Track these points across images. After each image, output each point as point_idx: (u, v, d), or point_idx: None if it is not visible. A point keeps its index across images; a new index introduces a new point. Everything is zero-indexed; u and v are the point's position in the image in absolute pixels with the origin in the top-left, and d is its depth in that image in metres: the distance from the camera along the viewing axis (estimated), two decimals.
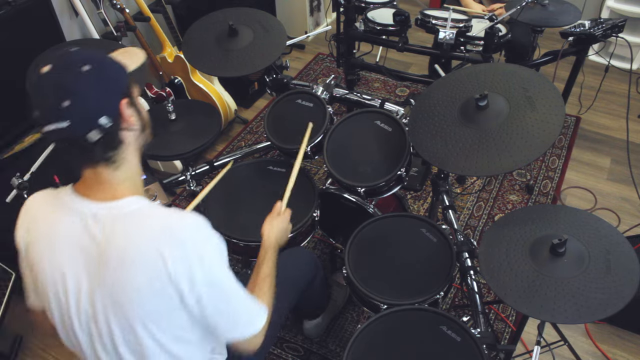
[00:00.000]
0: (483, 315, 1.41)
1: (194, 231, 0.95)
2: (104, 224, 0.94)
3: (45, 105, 0.86)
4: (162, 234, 0.92)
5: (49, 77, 0.87)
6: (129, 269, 0.91)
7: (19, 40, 1.84)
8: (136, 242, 0.92)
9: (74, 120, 0.86)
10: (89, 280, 0.96)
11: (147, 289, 0.92)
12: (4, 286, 1.80)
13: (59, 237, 0.97)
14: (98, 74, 0.89)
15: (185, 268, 0.92)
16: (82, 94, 0.86)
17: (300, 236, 1.64)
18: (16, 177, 1.55)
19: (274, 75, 2.08)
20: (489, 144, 1.31)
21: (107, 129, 0.89)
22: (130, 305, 0.93)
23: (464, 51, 2.04)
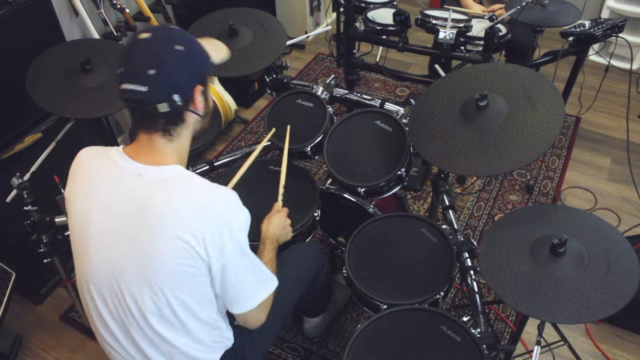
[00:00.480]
0: (483, 315, 1.41)
1: (227, 203, 1.02)
2: (146, 183, 1.00)
3: (132, 66, 0.95)
4: (198, 202, 0.99)
5: (146, 43, 0.97)
6: (163, 229, 0.96)
7: (19, 40, 1.83)
8: (174, 205, 0.97)
9: (152, 88, 0.94)
10: (121, 233, 1.00)
11: (176, 252, 0.97)
12: (4, 286, 1.79)
13: (102, 188, 1.03)
14: (187, 56, 0.98)
15: (217, 236, 0.98)
16: (168, 69, 0.95)
17: (301, 236, 1.64)
18: (16, 177, 1.55)
19: (274, 75, 2.08)
20: (489, 144, 1.31)
21: (176, 105, 0.98)
22: (154, 268, 0.98)
23: (464, 51, 2.04)
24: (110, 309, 1.07)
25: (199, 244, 0.97)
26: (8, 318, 1.83)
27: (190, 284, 1.02)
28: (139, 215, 0.98)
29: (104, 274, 1.04)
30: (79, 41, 2.07)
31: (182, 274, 0.99)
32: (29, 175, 1.59)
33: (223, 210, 1.00)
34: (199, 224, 0.97)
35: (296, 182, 1.76)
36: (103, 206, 1.02)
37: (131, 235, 0.99)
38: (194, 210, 0.97)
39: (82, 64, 1.58)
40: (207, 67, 1.05)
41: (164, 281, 0.99)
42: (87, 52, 1.62)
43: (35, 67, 1.59)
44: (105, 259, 1.03)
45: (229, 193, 1.03)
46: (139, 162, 1.02)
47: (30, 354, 1.95)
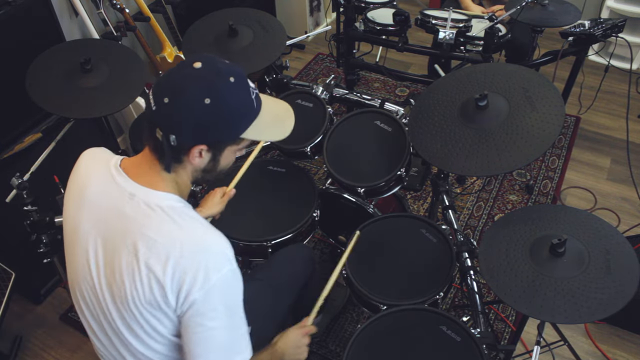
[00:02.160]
0: (483, 315, 1.41)
1: (212, 251, 0.94)
2: (137, 206, 0.96)
3: (162, 82, 0.92)
4: (183, 240, 0.93)
5: (188, 73, 0.91)
6: (141, 257, 0.93)
7: (19, 40, 1.83)
8: (157, 237, 0.93)
9: (158, 113, 0.91)
10: (104, 249, 0.98)
11: (148, 283, 0.93)
12: (4, 286, 1.79)
13: (95, 201, 1.00)
14: (206, 113, 0.90)
15: (188, 280, 0.91)
16: (178, 110, 0.90)
17: (300, 236, 1.64)
18: (16, 177, 1.55)
19: (274, 75, 2.08)
20: (489, 144, 1.31)
21: (169, 144, 0.92)
22: (128, 289, 0.95)
23: (463, 51, 2.04)
24: (94, 316, 1.06)
25: (171, 283, 0.91)
26: (8, 318, 1.84)
27: (158, 315, 0.97)
28: (123, 237, 0.95)
29: (86, 285, 1.03)
30: (79, 41, 2.07)
31: (150, 305, 0.95)
32: (29, 175, 1.59)
33: (204, 257, 0.92)
34: (173, 261, 0.91)
35: (296, 182, 1.76)
36: (92, 219, 1.00)
37: (112, 253, 0.97)
38: (175, 248, 0.91)
39: (82, 64, 1.58)
40: (226, 136, 0.96)
41: (135, 305, 0.96)
42: (87, 52, 1.63)
43: (35, 67, 1.59)
44: (87, 270, 1.01)
45: (222, 241, 0.95)
46: (135, 181, 0.98)
47: (30, 354, 1.95)
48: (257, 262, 1.68)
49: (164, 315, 0.97)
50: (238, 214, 1.66)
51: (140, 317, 0.97)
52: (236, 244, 1.59)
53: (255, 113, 0.98)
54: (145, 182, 0.98)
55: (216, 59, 0.95)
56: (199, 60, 0.92)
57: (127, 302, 0.96)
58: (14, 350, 1.92)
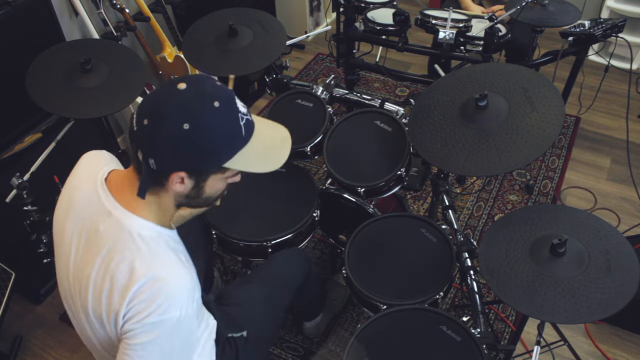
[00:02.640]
0: (483, 315, 1.41)
1: (170, 290, 0.90)
2: (112, 226, 0.95)
3: (145, 102, 0.89)
4: (142, 273, 0.90)
5: (170, 95, 0.87)
6: (102, 278, 0.93)
7: (19, 40, 1.83)
8: (121, 262, 0.91)
9: (138, 134, 0.87)
10: (77, 258, 0.99)
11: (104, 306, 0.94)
12: (3, 286, 1.79)
13: (77, 212, 1.00)
14: (185, 139, 0.85)
15: (134, 310, 0.90)
16: (158, 133, 0.86)
17: (300, 236, 1.64)
18: (16, 177, 1.55)
19: (274, 75, 2.08)
20: (489, 144, 1.31)
21: (148, 168, 0.88)
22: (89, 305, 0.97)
23: (463, 51, 2.04)
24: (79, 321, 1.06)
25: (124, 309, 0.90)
26: (8, 318, 1.84)
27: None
28: (94, 252, 0.95)
29: (67, 291, 1.04)
30: (79, 41, 2.07)
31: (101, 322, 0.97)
32: (29, 175, 1.59)
33: (165, 294, 0.89)
34: (132, 292, 0.89)
35: (296, 182, 1.76)
36: (73, 229, 0.99)
37: (83, 265, 0.97)
38: (134, 278, 0.89)
39: (82, 64, 1.58)
40: (207, 165, 0.91)
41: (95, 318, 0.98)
42: (87, 52, 1.63)
43: (35, 67, 1.59)
44: (67, 277, 1.02)
45: (180, 283, 0.91)
46: (115, 199, 0.96)
47: (30, 354, 1.95)
48: (257, 263, 1.68)
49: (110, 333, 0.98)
50: (238, 214, 1.66)
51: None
52: (236, 244, 1.59)
53: (243, 141, 0.91)
54: (125, 202, 0.95)
55: (205, 80, 0.90)
56: (184, 81, 0.88)
57: (89, 314, 0.98)
58: (14, 350, 1.92)
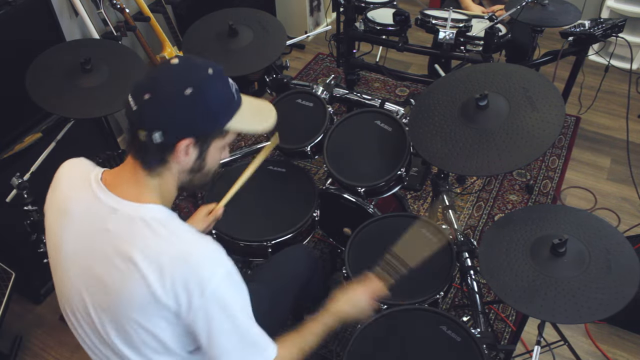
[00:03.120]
0: (483, 315, 1.41)
1: (202, 259, 0.92)
2: (121, 221, 0.94)
3: (142, 82, 0.91)
4: (173, 250, 0.91)
5: (165, 69, 0.93)
6: (132, 273, 0.91)
7: (18, 40, 1.83)
8: (146, 250, 0.91)
9: (139, 111, 0.89)
10: (91, 268, 0.95)
11: (143, 295, 0.91)
12: (4, 286, 1.79)
13: (76, 217, 0.97)
14: (189, 103, 0.89)
15: (185, 291, 0.90)
16: (160, 104, 0.89)
17: (300, 236, 1.65)
18: (16, 177, 1.55)
19: (274, 75, 2.08)
20: (489, 144, 1.31)
21: (153, 143, 0.90)
22: (122, 306, 0.93)
23: (464, 51, 2.04)
24: (85, 331, 1.04)
25: (166, 294, 0.89)
26: (8, 318, 1.83)
27: (158, 331, 0.96)
28: (110, 253, 0.93)
29: (76, 301, 1.00)
30: (79, 41, 2.07)
31: (149, 319, 0.94)
32: (29, 175, 1.59)
33: (195, 267, 0.90)
34: (167, 275, 0.89)
35: (296, 182, 1.76)
36: (75, 236, 0.97)
37: (101, 271, 0.94)
38: (165, 258, 0.89)
39: (82, 64, 1.58)
40: (211, 127, 0.94)
41: (133, 320, 0.94)
42: (87, 52, 1.63)
43: (35, 67, 1.59)
44: (75, 287, 0.99)
45: (206, 246, 0.93)
46: (116, 195, 0.95)
47: (30, 354, 1.95)
48: (258, 262, 1.68)
49: (171, 325, 0.95)
50: (238, 214, 1.66)
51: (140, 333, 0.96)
52: (236, 244, 1.59)
53: (237, 104, 0.98)
54: (128, 195, 0.95)
55: (192, 56, 0.97)
56: (175, 58, 0.94)
57: (122, 321, 0.95)
58: (14, 350, 1.92)
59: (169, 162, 0.95)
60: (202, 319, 0.92)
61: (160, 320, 0.94)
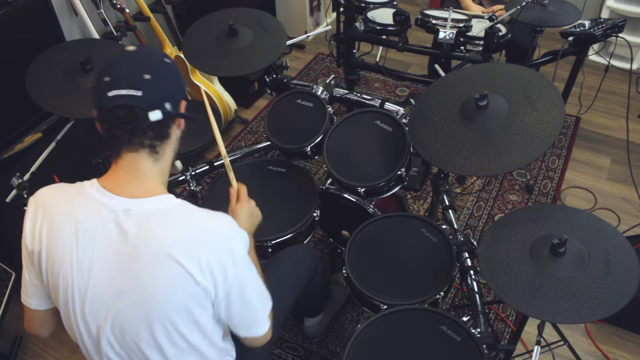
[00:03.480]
0: (483, 315, 1.41)
1: (227, 229, 0.99)
2: (137, 219, 0.94)
3: (123, 73, 0.93)
4: (197, 232, 0.95)
5: (135, 54, 0.97)
6: (162, 265, 0.92)
7: (19, 40, 1.84)
8: (171, 239, 0.93)
9: (147, 93, 0.93)
10: (122, 277, 0.94)
11: (180, 284, 0.93)
12: (4, 286, 1.80)
13: (88, 236, 0.95)
14: (173, 70, 1.01)
15: (220, 265, 0.95)
16: (162, 76, 0.96)
17: (300, 236, 1.65)
18: (16, 177, 1.55)
19: (274, 75, 2.08)
20: (489, 144, 1.31)
21: (167, 113, 0.96)
22: (165, 302, 0.94)
23: (464, 51, 2.04)
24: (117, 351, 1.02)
25: (202, 274, 0.93)
26: (8, 318, 1.84)
27: (196, 313, 0.98)
28: (133, 255, 0.93)
29: (109, 324, 0.98)
30: (79, 41, 2.07)
31: (186, 305, 0.96)
32: (29, 175, 1.59)
33: (224, 238, 0.97)
34: (200, 254, 0.93)
35: (296, 182, 1.76)
36: (94, 253, 0.95)
37: (128, 277, 0.94)
38: (193, 241, 0.94)
39: (82, 64, 1.58)
40: (184, 85, 1.06)
41: (171, 314, 0.96)
42: (87, 52, 1.62)
43: (35, 67, 1.59)
44: (108, 307, 0.97)
45: (226, 219, 1.00)
46: (123, 196, 0.95)
47: (30, 354, 1.95)
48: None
49: (206, 307, 0.99)
50: None
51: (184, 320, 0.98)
52: None
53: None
54: (134, 193, 0.96)
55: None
56: (130, 46, 1.01)
57: (167, 313, 0.95)
58: (14, 350, 1.92)
59: (170, 135, 1.01)
60: (236, 286, 0.99)
61: (196, 307, 0.98)
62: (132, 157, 0.97)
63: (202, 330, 1.03)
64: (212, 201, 1.70)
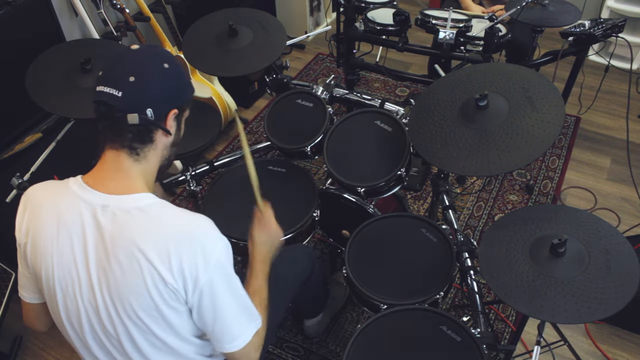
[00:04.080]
0: (483, 315, 1.41)
1: (202, 233, 0.96)
2: (114, 215, 0.94)
3: (114, 70, 0.94)
4: (171, 233, 0.93)
5: (134, 52, 0.97)
6: (132, 261, 0.92)
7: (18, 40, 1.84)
8: (144, 238, 0.92)
9: (127, 95, 0.92)
10: (97, 271, 0.95)
11: (152, 283, 0.92)
12: (4, 286, 1.80)
13: (67, 229, 0.96)
14: (171, 76, 0.97)
15: (190, 266, 0.93)
16: (148, 82, 0.94)
17: (300, 236, 1.65)
18: (16, 177, 1.55)
19: (274, 75, 2.08)
20: (489, 144, 1.31)
21: (146, 120, 0.94)
22: (134, 299, 0.94)
23: (464, 51, 2.04)
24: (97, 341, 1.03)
25: (173, 277, 0.92)
26: (8, 318, 1.84)
27: (167, 314, 0.97)
28: (107, 250, 0.93)
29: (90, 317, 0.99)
30: (79, 41, 2.07)
31: (155, 304, 0.95)
32: (29, 175, 1.59)
33: (199, 241, 0.94)
34: (171, 254, 0.91)
35: (296, 182, 1.76)
36: (73, 246, 0.96)
37: (103, 272, 0.95)
38: (165, 240, 0.92)
39: (82, 64, 1.58)
40: (188, 95, 1.03)
41: (139, 312, 0.95)
42: (87, 52, 1.62)
43: (35, 67, 1.59)
44: (86, 301, 0.98)
45: (206, 222, 0.97)
46: (103, 192, 0.96)
47: (30, 354, 1.95)
48: None
49: (180, 311, 0.97)
50: (238, 214, 1.66)
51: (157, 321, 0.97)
52: (236, 244, 1.59)
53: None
54: (115, 190, 0.96)
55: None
56: (134, 45, 0.99)
57: (139, 313, 0.95)
58: (14, 350, 1.92)
59: (155, 140, 0.99)
60: (208, 293, 0.96)
61: (166, 307, 0.96)
62: (113, 154, 0.98)
63: (177, 332, 1.00)
64: (212, 201, 1.70)
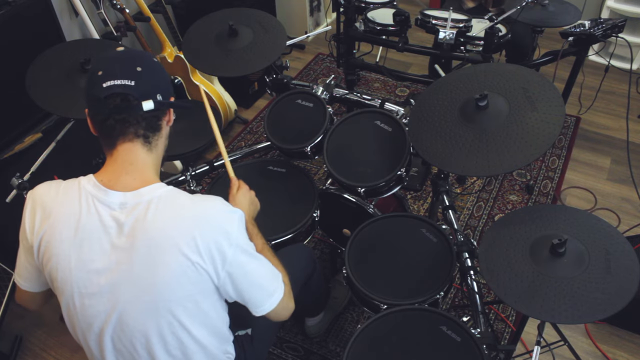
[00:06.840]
0: (483, 315, 1.41)
1: (219, 210, 1.01)
2: (132, 211, 0.96)
3: (117, 66, 0.98)
4: (190, 217, 0.97)
5: (126, 51, 1.05)
6: (161, 253, 0.94)
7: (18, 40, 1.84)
8: (166, 226, 0.95)
9: (140, 83, 0.97)
10: (118, 269, 0.97)
11: (180, 271, 0.95)
12: (3, 286, 1.80)
13: (87, 233, 0.98)
14: (161, 68, 1.06)
15: (217, 246, 0.96)
16: (152, 70, 1.01)
17: (300, 236, 1.64)
18: (16, 177, 1.55)
19: (274, 75, 2.08)
20: (489, 144, 1.31)
21: (158, 103, 1.00)
22: (161, 291, 0.96)
23: (464, 51, 2.04)
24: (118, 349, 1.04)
25: (201, 258, 0.95)
26: (8, 318, 1.84)
27: (201, 299, 1.00)
28: (131, 247, 0.95)
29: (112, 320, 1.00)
30: (79, 41, 2.07)
31: (190, 292, 0.97)
32: (29, 175, 1.59)
33: (217, 219, 0.99)
34: (197, 238, 0.95)
35: (296, 182, 1.76)
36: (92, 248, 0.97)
37: (129, 270, 0.96)
38: (187, 226, 0.95)
39: (82, 64, 1.58)
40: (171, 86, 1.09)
41: (173, 304, 0.97)
42: (87, 52, 1.63)
43: (35, 67, 1.59)
44: (108, 302, 0.99)
45: (217, 200, 1.02)
46: (119, 190, 0.98)
47: (30, 354, 1.95)
48: None
49: (211, 291, 1.02)
50: None
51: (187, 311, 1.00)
52: None
53: None
54: (128, 186, 0.99)
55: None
56: (119, 47, 1.10)
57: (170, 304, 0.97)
58: (14, 350, 1.92)
59: (162, 127, 1.05)
60: (237, 264, 1.00)
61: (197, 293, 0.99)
62: (127, 147, 1.00)
63: (206, 322, 1.04)
64: None
